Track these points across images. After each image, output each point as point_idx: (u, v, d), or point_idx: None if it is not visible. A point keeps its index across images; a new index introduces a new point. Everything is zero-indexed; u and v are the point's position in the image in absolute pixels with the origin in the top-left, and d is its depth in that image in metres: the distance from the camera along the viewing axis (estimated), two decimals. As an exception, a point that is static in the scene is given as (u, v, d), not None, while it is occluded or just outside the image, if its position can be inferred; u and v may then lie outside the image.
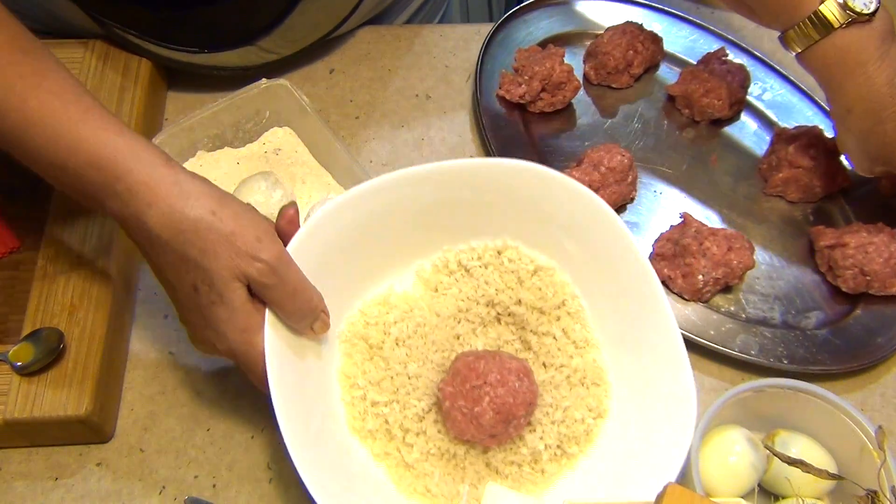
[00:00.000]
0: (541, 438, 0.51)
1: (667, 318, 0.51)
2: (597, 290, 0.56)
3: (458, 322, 0.55)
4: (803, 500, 0.50)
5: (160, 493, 0.53)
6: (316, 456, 0.46)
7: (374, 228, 0.54)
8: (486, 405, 0.47)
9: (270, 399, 0.45)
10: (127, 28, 0.65)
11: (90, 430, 0.53)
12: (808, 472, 0.49)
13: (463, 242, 0.57)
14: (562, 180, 0.55)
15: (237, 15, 0.68)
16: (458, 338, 0.55)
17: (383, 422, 0.51)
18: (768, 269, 0.64)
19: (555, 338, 0.54)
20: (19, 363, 0.51)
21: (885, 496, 0.48)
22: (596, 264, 0.55)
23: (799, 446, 0.51)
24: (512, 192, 0.55)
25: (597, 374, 0.54)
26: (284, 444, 0.45)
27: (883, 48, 0.56)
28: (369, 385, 0.52)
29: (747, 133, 0.72)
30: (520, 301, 0.55)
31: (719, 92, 0.69)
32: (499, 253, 0.57)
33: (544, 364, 0.54)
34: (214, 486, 0.53)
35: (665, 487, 0.42)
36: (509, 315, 0.55)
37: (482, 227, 0.57)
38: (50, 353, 0.52)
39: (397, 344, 0.53)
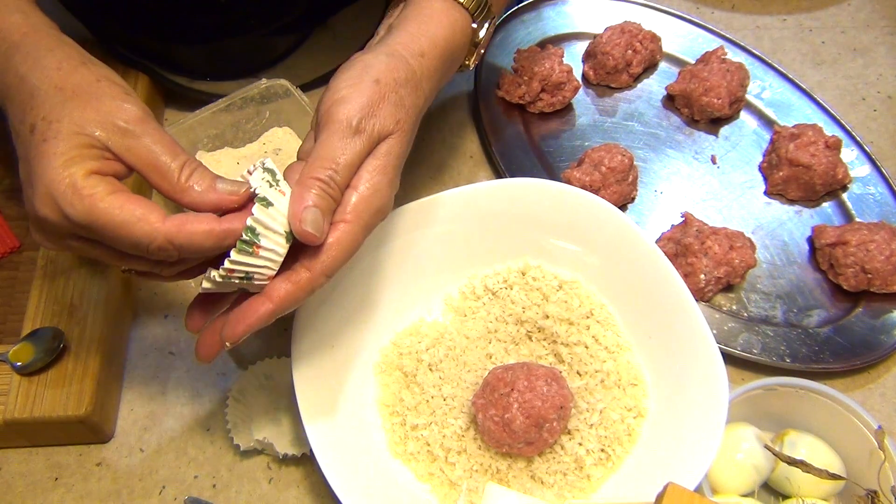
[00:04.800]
0: (580, 444, 0.51)
1: (695, 316, 0.52)
2: (623, 296, 0.56)
3: (489, 342, 0.56)
4: (803, 500, 0.49)
5: (160, 493, 0.53)
6: (359, 484, 0.47)
7: (400, 258, 0.55)
8: (515, 411, 0.48)
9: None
10: (132, 52, 0.66)
11: (90, 430, 0.53)
12: (809, 472, 0.49)
13: (487, 267, 0.59)
14: (573, 193, 0.56)
15: (244, 50, 0.69)
16: (490, 357, 0.55)
17: (424, 444, 0.52)
18: (770, 267, 0.64)
19: (586, 346, 0.55)
20: (19, 363, 0.51)
21: (885, 496, 0.48)
22: (619, 272, 0.56)
23: (807, 446, 0.51)
24: (527, 211, 0.57)
25: (632, 374, 0.54)
26: (323, 475, 0.46)
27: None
28: (407, 411, 0.53)
29: (747, 132, 0.72)
30: (547, 315, 0.56)
31: (718, 91, 0.69)
32: (522, 274, 0.58)
33: (578, 372, 0.54)
34: (214, 486, 0.53)
35: (665, 487, 0.42)
36: (539, 330, 0.56)
37: (503, 251, 0.58)
38: (50, 353, 0.52)
39: (430, 369, 0.54)
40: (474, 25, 0.49)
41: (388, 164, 0.42)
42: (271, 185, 0.39)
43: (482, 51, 0.52)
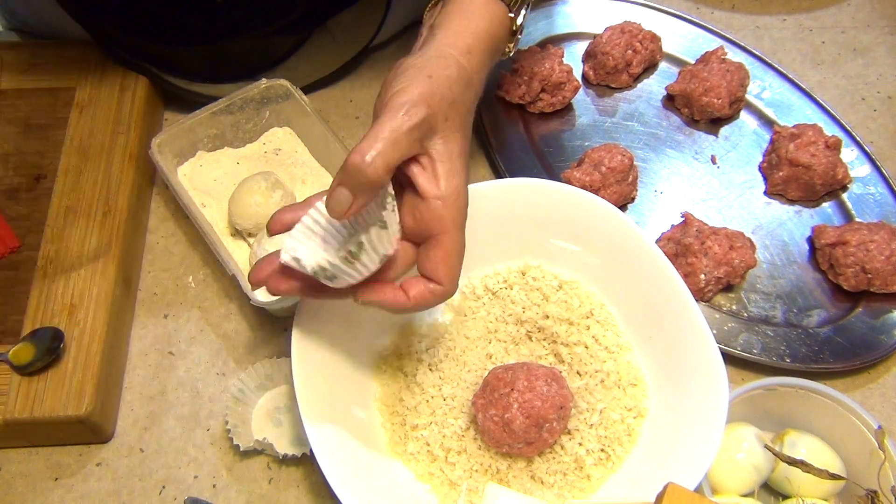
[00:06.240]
0: (580, 444, 0.51)
1: (695, 316, 0.52)
2: (623, 296, 0.56)
3: (489, 342, 0.56)
4: (803, 500, 0.50)
5: (160, 493, 0.53)
6: (359, 484, 0.47)
7: None
8: (515, 411, 0.48)
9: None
10: (131, 54, 0.66)
11: (90, 430, 0.53)
12: (809, 472, 0.49)
13: (487, 267, 0.59)
14: (573, 193, 0.56)
15: (242, 52, 0.70)
16: (490, 357, 0.55)
17: (424, 444, 0.52)
18: (770, 267, 0.64)
19: (586, 346, 0.55)
20: (19, 363, 0.51)
21: (885, 496, 0.48)
22: (619, 272, 0.56)
23: (807, 446, 0.51)
24: (527, 211, 0.57)
25: (632, 374, 0.54)
26: (324, 475, 0.45)
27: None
28: (407, 411, 0.53)
29: (747, 132, 0.72)
30: (547, 315, 0.56)
31: (718, 91, 0.69)
32: (522, 274, 0.58)
33: (578, 372, 0.54)
34: (214, 486, 0.53)
35: (665, 487, 0.42)
36: (539, 330, 0.56)
37: (503, 251, 0.58)
38: (50, 353, 0.52)
39: (430, 369, 0.54)
40: (511, 15, 0.50)
41: (454, 166, 0.43)
42: (387, 208, 0.41)
43: (519, 36, 0.52)
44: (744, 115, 0.73)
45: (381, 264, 0.42)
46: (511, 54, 0.53)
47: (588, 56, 0.74)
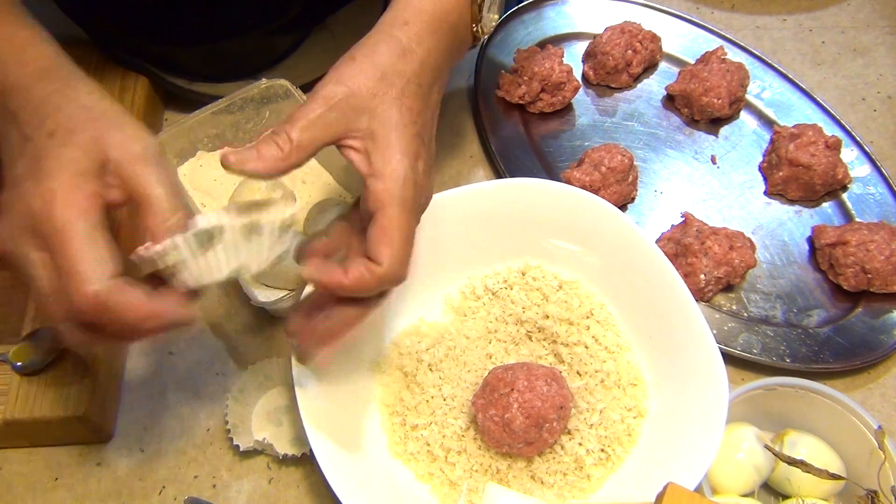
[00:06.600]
0: (580, 444, 0.51)
1: (695, 316, 0.52)
2: (623, 296, 0.56)
3: (489, 342, 0.56)
4: (803, 500, 0.50)
5: (160, 493, 0.53)
6: (359, 484, 0.47)
7: None
8: (515, 411, 0.48)
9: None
10: (130, 54, 0.66)
11: (90, 430, 0.53)
12: (809, 472, 0.49)
13: (487, 267, 0.59)
14: (573, 193, 0.56)
15: (242, 51, 0.69)
16: (490, 357, 0.55)
17: (424, 444, 0.52)
18: (770, 267, 0.64)
19: (586, 346, 0.55)
20: (19, 363, 0.51)
21: (886, 496, 0.48)
22: (619, 272, 0.56)
23: (807, 446, 0.51)
24: (527, 211, 0.57)
25: (633, 374, 0.54)
26: (324, 475, 0.45)
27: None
28: (407, 411, 0.53)
29: (747, 132, 0.72)
30: (547, 315, 0.56)
31: (718, 91, 0.69)
32: (522, 274, 0.58)
33: (578, 372, 0.55)
34: (214, 486, 0.53)
35: (665, 487, 0.42)
36: (539, 330, 0.56)
37: (503, 251, 0.58)
38: (50, 353, 0.52)
39: (430, 369, 0.54)
40: None
41: (388, 141, 0.41)
42: (284, 232, 0.39)
43: (493, 15, 0.50)
44: (744, 115, 0.73)
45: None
46: (483, 36, 0.50)
47: (588, 56, 0.74)
